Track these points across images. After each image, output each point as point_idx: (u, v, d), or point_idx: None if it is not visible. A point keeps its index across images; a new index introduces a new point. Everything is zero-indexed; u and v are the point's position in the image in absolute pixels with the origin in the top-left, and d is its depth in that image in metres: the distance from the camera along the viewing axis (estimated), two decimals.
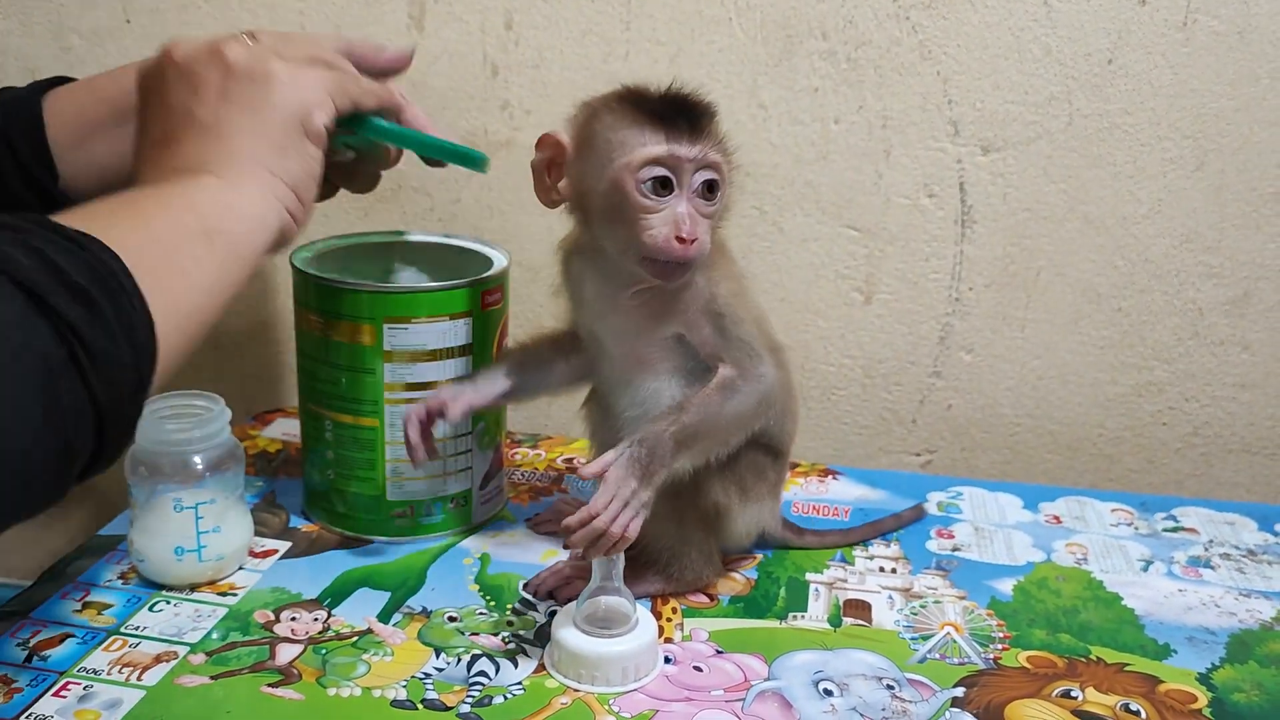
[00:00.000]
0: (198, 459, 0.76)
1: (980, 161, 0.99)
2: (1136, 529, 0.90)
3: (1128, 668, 0.71)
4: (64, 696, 0.64)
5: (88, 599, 0.75)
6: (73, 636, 0.70)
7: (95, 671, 0.67)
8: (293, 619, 0.73)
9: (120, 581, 0.77)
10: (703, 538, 0.76)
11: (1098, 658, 0.72)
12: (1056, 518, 0.91)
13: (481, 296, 0.82)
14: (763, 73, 1.00)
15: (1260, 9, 0.92)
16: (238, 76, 0.65)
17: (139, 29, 1.08)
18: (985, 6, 0.95)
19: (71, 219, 0.52)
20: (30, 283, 0.46)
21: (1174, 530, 0.90)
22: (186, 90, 0.65)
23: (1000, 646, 0.73)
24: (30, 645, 0.69)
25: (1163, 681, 0.70)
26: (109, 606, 0.74)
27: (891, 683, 0.68)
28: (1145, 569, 0.84)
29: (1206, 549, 0.87)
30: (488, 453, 0.86)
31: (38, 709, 0.63)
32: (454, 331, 0.81)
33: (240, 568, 0.79)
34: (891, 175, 1.01)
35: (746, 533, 0.79)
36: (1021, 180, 0.99)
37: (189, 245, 0.57)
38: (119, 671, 0.67)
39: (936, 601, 0.78)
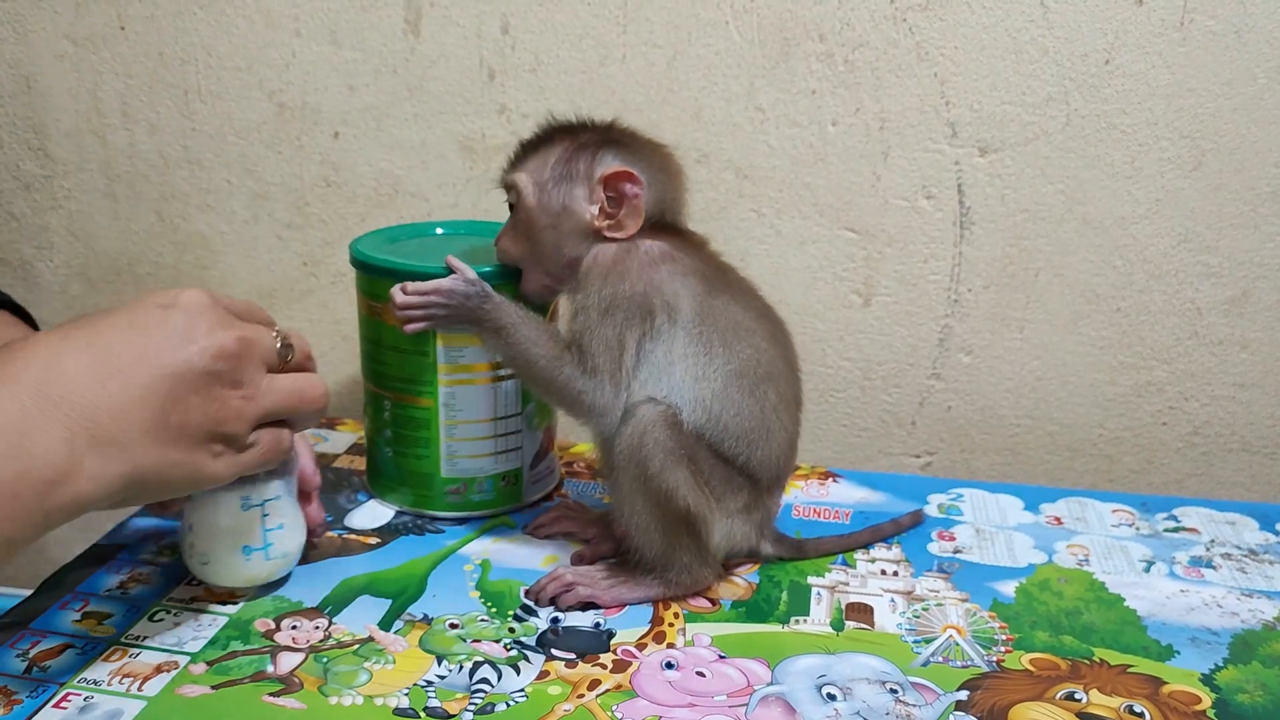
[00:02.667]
0: None
1: (978, 163, 0.99)
2: (1138, 529, 0.90)
3: (1131, 669, 0.71)
4: (65, 708, 0.64)
5: (87, 609, 0.75)
6: (72, 647, 0.70)
7: (96, 682, 0.66)
8: (293, 627, 0.73)
9: (120, 591, 0.77)
10: (690, 542, 0.76)
11: (1101, 659, 0.72)
12: (1057, 519, 0.91)
13: None
14: (760, 75, 1.00)
15: (1257, 9, 0.92)
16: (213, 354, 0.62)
17: (134, 35, 1.08)
18: (982, 8, 0.95)
19: None
20: None
21: (1175, 530, 0.90)
22: (151, 312, 0.62)
23: (1003, 649, 0.73)
24: (30, 656, 0.69)
25: (1166, 683, 0.70)
26: (109, 616, 0.74)
27: (895, 686, 0.68)
28: (1147, 570, 0.83)
29: (1208, 549, 0.87)
30: (537, 433, 0.89)
31: None
32: None
33: (292, 568, 0.78)
34: (889, 177, 1.01)
35: (718, 544, 0.78)
36: (1019, 181, 0.99)
37: None
38: (120, 682, 0.66)
39: (939, 604, 0.78)
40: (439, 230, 0.94)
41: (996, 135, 0.98)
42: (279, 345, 0.67)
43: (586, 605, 0.76)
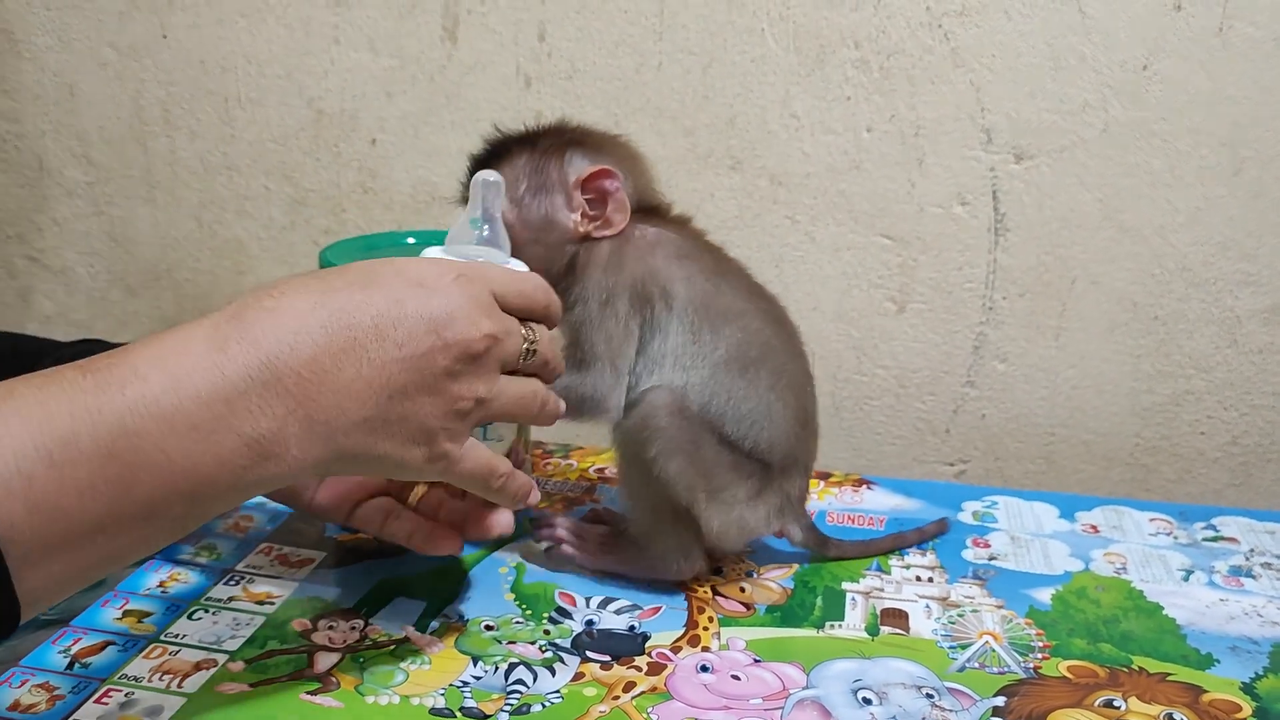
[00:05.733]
0: None
1: (1014, 169, 0.99)
2: (1176, 538, 0.89)
3: (1170, 677, 0.70)
4: (105, 703, 0.65)
5: (128, 607, 0.75)
6: (113, 644, 0.71)
7: (136, 678, 0.67)
8: (330, 628, 0.73)
9: (159, 590, 0.78)
10: (678, 530, 0.76)
11: (1140, 667, 0.71)
12: (1094, 527, 0.90)
13: None
14: (795, 82, 1.00)
15: None
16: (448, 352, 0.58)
17: (175, 44, 1.09)
18: (1019, 14, 0.95)
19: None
20: None
21: (1214, 540, 0.89)
22: (389, 289, 0.58)
23: (1040, 656, 0.72)
24: (72, 652, 0.70)
25: (1206, 691, 0.69)
26: (149, 614, 0.74)
27: (931, 691, 0.68)
28: (1186, 578, 0.83)
29: (1248, 558, 0.86)
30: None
31: (80, 715, 0.63)
32: None
33: None
34: (924, 184, 1.01)
35: (723, 533, 0.77)
36: (1055, 188, 0.99)
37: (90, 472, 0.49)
38: (160, 679, 0.67)
39: (974, 610, 0.78)
40: (410, 240, 0.93)
41: (1032, 142, 0.98)
42: (525, 347, 0.63)
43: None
